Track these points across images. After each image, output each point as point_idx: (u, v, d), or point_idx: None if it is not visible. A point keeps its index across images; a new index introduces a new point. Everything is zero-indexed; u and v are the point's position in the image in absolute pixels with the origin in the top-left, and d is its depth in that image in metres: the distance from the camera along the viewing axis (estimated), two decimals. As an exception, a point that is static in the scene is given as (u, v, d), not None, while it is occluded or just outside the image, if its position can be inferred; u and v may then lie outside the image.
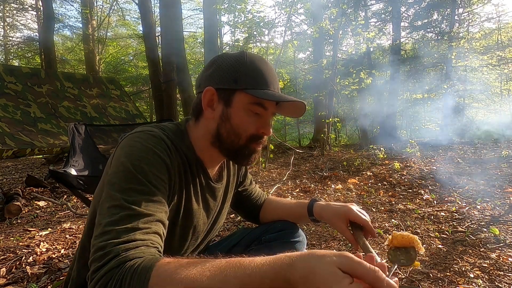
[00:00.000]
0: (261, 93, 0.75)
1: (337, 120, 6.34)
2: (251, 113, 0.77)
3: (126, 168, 0.66)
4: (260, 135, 0.79)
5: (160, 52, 7.93)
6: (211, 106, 0.78)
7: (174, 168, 0.74)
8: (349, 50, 8.74)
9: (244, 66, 0.76)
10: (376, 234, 2.11)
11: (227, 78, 0.76)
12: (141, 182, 0.65)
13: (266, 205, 1.11)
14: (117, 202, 0.62)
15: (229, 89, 0.76)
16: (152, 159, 0.68)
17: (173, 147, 0.75)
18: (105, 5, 14.76)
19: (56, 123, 5.59)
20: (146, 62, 9.40)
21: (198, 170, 0.82)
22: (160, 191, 0.67)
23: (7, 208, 2.78)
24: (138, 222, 0.60)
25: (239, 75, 0.76)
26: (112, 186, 0.65)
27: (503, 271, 1.52)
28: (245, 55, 0.79)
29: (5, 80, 5.56)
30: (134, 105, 7.86)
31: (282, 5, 5.65)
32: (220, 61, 0.79)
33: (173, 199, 0.75)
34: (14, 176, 5.16)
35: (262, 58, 0.82)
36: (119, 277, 0.53)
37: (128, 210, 0.61)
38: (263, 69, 0.78)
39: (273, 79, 0.79)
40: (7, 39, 15.15)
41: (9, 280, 1.63)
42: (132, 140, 0.71)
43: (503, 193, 2.94)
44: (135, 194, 0.63)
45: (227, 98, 0.77)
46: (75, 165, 3.95)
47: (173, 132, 0.80)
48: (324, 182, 3.96)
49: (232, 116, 0.77)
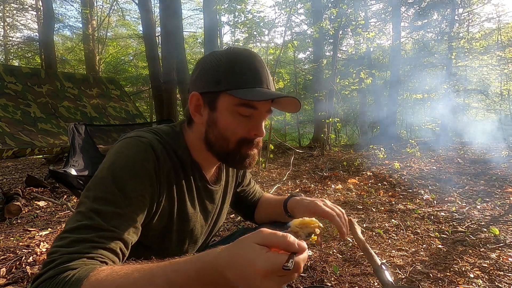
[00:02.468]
0: (245, 93, 0.69)
1: (337, 120, 6.34)
2: (239, 115, 0.72)
3: (105, 176, 0.65)
4: (252, 137, 0.75)
5: (160, 52, 7.93)
6: (198, 112, 0.75)
7: (162, 176, 0.71)
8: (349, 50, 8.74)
9: (227, 65, 0.71)
10: (376, 234, 2.11)
11: (210, 80, 0.72)
12: (115, 194, 0.63)
13: (259, 204, 1.11)
14: (84, 209, 0.61)
15: (213, 92, 0.72)
16: (134, 169, 0.66)
17: (164, 153, 0.73)
18: (105, 5, 14.77)
19: (56, 123, 5.59)
20: (146, 62, 9.39)
21: (194, 173, 0.81)
22: (136, 205, 0.65)
23: (7, 208, 2.78)
24: (94, 235, 0.58)
25: (221, 76, 0.71)
26: (87, 191, 0.64)
27: (503, 271, 1.52)
28: (228, 53, 0.74)
29: (5, 80, 5.56)
30: (134, 105, 7.87)
31: (282, 5, 5.65)
32: (203, 63, 0.75)
33: (159, 207, 0.73)
34: (14, 176, 5.16)
35: (250, 52, 0.75)
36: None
37: (89, 220, 0.59)
38: (249, 65, 0.72)
39: (261, 74, 0.73)
40: (7, 39, 15.15)
41: (9, 280, 1.63)
42: (120, 147, 0.70)
43: (503, 193, 2.94)
44: (105, 205, 0.61)
45: (211, 102, 0.73)
46: (75, 165, 3.96)
47: (168, 134, 0.77)
48: (324, 182, 3.96)
49: (218, 120, 0.73)
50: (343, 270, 1.64)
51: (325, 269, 1.66)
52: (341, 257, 1.80)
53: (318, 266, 1.69)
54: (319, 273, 1.62)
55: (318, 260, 1.78)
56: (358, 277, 1.56)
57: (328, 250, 1.90)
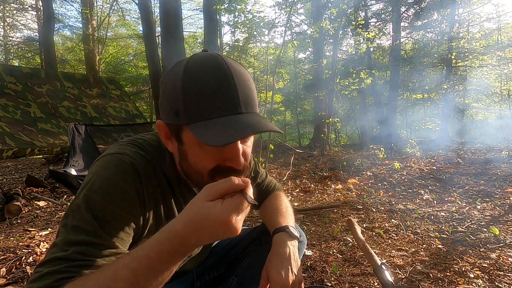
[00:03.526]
0: (203, 130, 0.56)
1: (337, 120, 6.34)
2: (207, 148, 0.60)
3: (80, 203, 0.60)
4: (227, 168, 0.62)
5: (160, 52, 7.94)
6: (169, 139, 0.66)
7: (146, 196, 0.66)
8: (349, 50, 8.74)
9: (182, 90, 0.58)
10: (376, 234, 2.11)
11: (169, 111, 0.61)
12: (91, 222, 0.57)
13: (266, 201, 1.07)
14: (59, 240, 0.57)
15: (175, 124, 0.62)
16: (113, 193, 0.61)
17: (148, 169, 0.67)
18: (105, 5, 14.78)
19: (56, 123, 5.60)
20: (146, 62, 9.41)
21: (182, 190, 0.76)
22: (117, 230, 0.60)
23: (7, 208, 2.78)
24: (66, 265, 0.54)
25: (178, 106, 0.58)
26: (65, 218, 0.60)
27: (503, 271, 1.52)
28: (185, 70, 0.59)
29: (5, 80, 5.57)
30: (134, 105, 7.87)
31: (282, 5, 5.65)
32: (163, 85, 0.63)
33: (146, 227, 0.69)
34: (14, 176, 5.16)
35: (213, 64, 0.59)
36: None
37: (62, 252, 0.55)
38: (209, 86, 0.57)
39: (227, 95, 0.57)
40: (7, 39, 15.16)
41: (9, 280, 1.63)
42: (97, 167, 0.64)
43: (503, 193, 2.94)
44: (81, 234, 0.57)
45: (177, 135, 0.63)
46: (75, 165, 3.97)
47: (154, 148, 0.71)
48: (324, 182, 3.97)
49: (187, 154, 0.64)
50: (343, 270, 1.64)
51: (325, 269, 1.66)
52: (341, 257, 1.80)
53: (318, 266, 1.69)
54: (319, 273, 1.63)
55: (318, 260, 1.78)
56: (358, 277, 1.56)
57: (328, 250, 1.90)
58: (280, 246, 0.85)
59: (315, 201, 3.17)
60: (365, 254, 1.24)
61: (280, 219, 0.94)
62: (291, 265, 0.81)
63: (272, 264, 0.81)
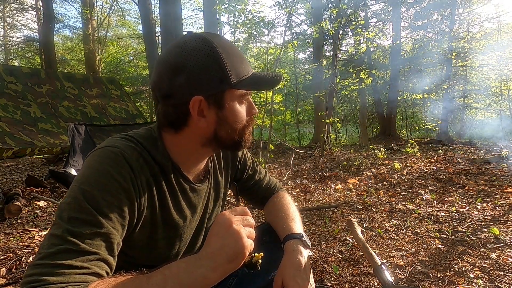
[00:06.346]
0: (251, 83, 0.72)
1: (337, 120, 6.34)
2: (242, 104, 0.76)
3: (77, 195, 0.61)
4: (253, 116, 0.79)
5: (160, 52, 7.94)
6: (202, 115, 0.71)
7: (139, 186, 0.68)
8: (349, 50, 8.73)
9: (221, 59, 0.68)
10: (376, 234, 2.11)
11: (210, 81, 0.68)
12: (90, 212, 0.59)
13: (272, 202, 1.06)
14: (60, 231, 0.57)
15: (217, 91, 0.70)
16: (107, 184, 0.63)
17: (140, 160, 0.70)
18: (105, 5, 14.79)
19: (56, 123, 5.59)
20: (146, 62, 9.40)
21: (176, 176, 0.77)
22: (114, 221, 0.62)
23: (7, 208, 2.78)
24: (76, 259, 0.55)
25: (221, 73, 0.68)
26: (60, 212, 0.60)
27: (503, 271, 1.52)
28: (211, 46, 0.68)
29: (5, 80, 5.56)
30: (134, 105, 7.87)
31: (282, 5, 5.65)
32: (189, 64, 0.67)
33: (141, 218, 0.71)
34: (14, 176, 5.16)
35: (221, 36, 0.74)
36: None
37: (68, 243, 0.56)
38: (234, 49, 0.72)
39: (241, 54, 0.73)
40: (7, 39, 15.16)
41: (9, 280, 1.63)
42: (90, 161, 0.66)
43: (503, 193, 2.94)
44: (81, 225, 0.58)
45: (218, 102, 0.71)
46: (75, 165, 3.96)
47: (145, 139, 0.74)
48: (324, 182, 3.97)
49: (228, 116, 0.73)
50: (343, 270, 1.64)
51: (325, 269, 1.66)
52: (341, 257, 1.80)
53: (318, 266, 1.70)
54: (319, 273, 1.63)
55: (318, 260, 1.78)
56: (358, 277, 1.56)
57: (328, 250, 1.90)
58: (295, 254, 0.85)
59: (315, 201, 3.17)
60: (365, 254, 1.24)
61: (292, 224, 0.94)
62: (307, 275, 0.82)
63: (289, 273, 0.81)
